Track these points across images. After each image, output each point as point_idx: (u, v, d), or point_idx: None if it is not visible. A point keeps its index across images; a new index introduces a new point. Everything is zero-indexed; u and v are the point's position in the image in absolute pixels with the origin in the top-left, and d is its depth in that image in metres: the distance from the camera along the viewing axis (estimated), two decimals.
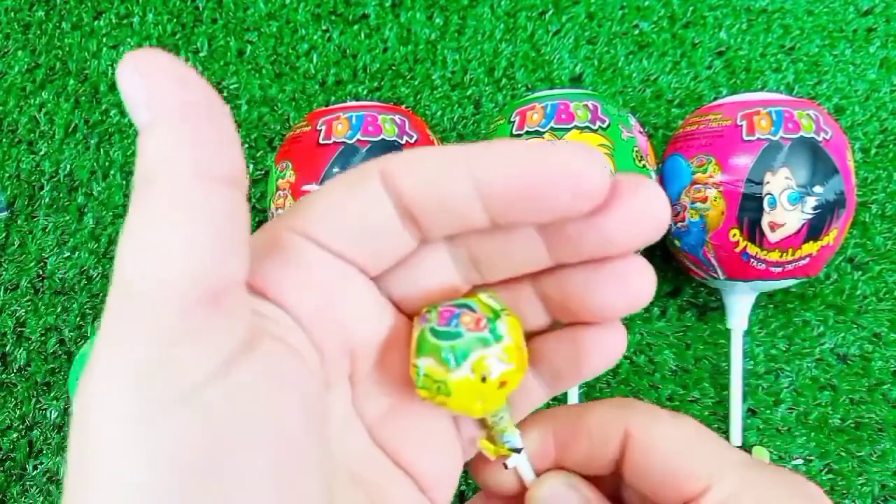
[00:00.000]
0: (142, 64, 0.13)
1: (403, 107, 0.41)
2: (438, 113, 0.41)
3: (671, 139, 0.35)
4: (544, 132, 0.31)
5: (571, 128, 0.31)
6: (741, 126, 0.31)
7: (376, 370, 0.18)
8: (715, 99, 0.37)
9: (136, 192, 0.13)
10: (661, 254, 0.38)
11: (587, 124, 0.31)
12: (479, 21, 0.42)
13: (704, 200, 0.32)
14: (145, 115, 0.13)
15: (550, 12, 0.42)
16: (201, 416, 0.12)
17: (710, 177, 0.32)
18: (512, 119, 0.32)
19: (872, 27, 0.41)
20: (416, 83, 0.41)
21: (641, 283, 0.17)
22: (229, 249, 0.13)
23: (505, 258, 0.18)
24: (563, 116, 0.31)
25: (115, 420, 0.12)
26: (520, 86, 0.41)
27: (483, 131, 0.40)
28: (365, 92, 0.41)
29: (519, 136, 0.32)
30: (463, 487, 0.36)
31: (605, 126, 0.31)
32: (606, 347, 0.18)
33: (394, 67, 0.41)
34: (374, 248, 0.17)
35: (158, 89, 0.13)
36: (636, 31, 0.42)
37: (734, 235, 0.31)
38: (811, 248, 0.31)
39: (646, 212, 0.16)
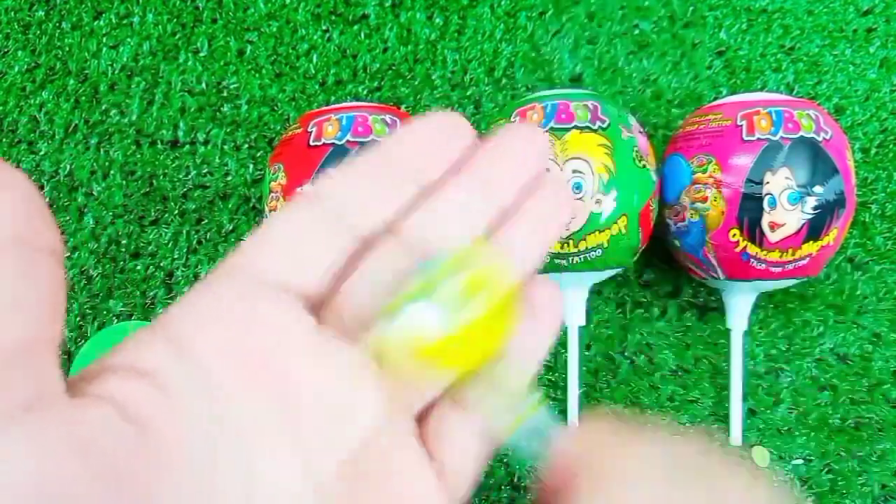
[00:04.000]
0: None
1: (403, 107, 0.41)
2: None
3: (671, 139, 0.35)
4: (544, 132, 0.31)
5: (571, 127, 0.31)
6: (741, 126, 0.31)
7: (326, 415, 0.16)
8: (715, 99, 0.37)
9: None
10: (661, 254, 0.38)
11: (587, 124, 0.31)
12: (479, 21, 0.42)
13: (704, 200, 0.32)
14: None
15: (550, 12, 0.42)
16: None
17: (710, 177, 0.32)
18: (512, 119, 0.32)
19: (872, 27, 0.41)
20: (416, 83, 0.41)
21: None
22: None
23: (446, 209, 0.19)
24: (563, 116, 0.31)
25: None
26: (520, 86, 0.41)
27: (484, 132, 0.40)
28: (365, 92, 0.41)
29: None
30: None
31: (604, 126, 0.31)
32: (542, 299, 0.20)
33: (394, 67, 0.41)
34: (312, 260, 0.17)
35: None
36: (636, 31, 0.41)
37: (734, 235, 0.31)
38: (811, 247, 0.31)
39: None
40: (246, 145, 0.40)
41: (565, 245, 0.31)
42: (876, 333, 0.37)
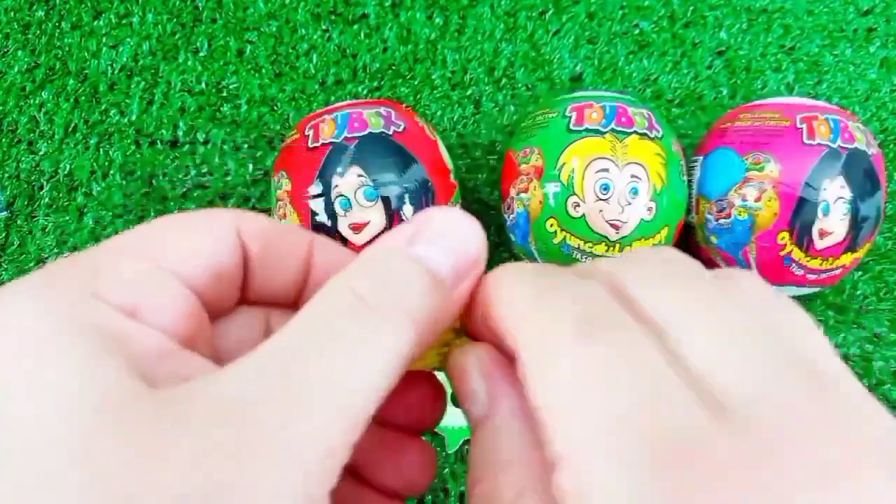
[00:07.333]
0: None
1: (403, 107, 0.41)
2: (438, 113, 0.40)
3: (715, 131, 0.33)
4: (605, 132, 0.30)
5: (632, 132, 0.30)
6: (801, 129, 0.30)
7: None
8: (715, 99, 0.36)
9: None
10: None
11: (645, 131, 0.30)
12: (479, 21, 0.42)
13: (757, 199, 0.30)
14: None
15: (550, 12, 0.42)
16: None
17: (767, 176, 0.30)
18: (567, 114, 0.31)
19: (872, 27, 0.41)
20: (416, 83, 0.41)
21: None
22: None
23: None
24: (624, 119, 0.30)
25: None
26: (520, 85, 0.41)
27: (484, 130, 0.39)
28: (365, 92, 0.41)
29: (577, 131, 0.30)
30: (462, 487, 0.36)
31: (659, 136, 0.30)
32: None
33: (394, 67, 0.41)
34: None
35: None
36: (636, 31, 0.41)
37: (782, 238, 0.30)
38: (846, 259, 0.30)
39: None
40: (246, 145, 0.40)
41: (611, 248, 0.30)
42: (876, 333, 0.37)
